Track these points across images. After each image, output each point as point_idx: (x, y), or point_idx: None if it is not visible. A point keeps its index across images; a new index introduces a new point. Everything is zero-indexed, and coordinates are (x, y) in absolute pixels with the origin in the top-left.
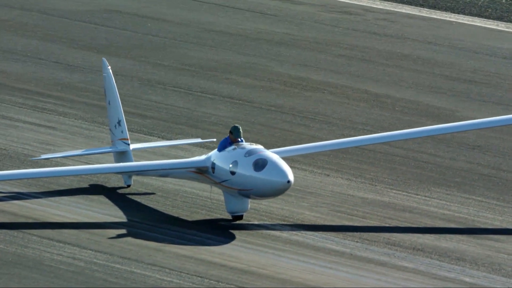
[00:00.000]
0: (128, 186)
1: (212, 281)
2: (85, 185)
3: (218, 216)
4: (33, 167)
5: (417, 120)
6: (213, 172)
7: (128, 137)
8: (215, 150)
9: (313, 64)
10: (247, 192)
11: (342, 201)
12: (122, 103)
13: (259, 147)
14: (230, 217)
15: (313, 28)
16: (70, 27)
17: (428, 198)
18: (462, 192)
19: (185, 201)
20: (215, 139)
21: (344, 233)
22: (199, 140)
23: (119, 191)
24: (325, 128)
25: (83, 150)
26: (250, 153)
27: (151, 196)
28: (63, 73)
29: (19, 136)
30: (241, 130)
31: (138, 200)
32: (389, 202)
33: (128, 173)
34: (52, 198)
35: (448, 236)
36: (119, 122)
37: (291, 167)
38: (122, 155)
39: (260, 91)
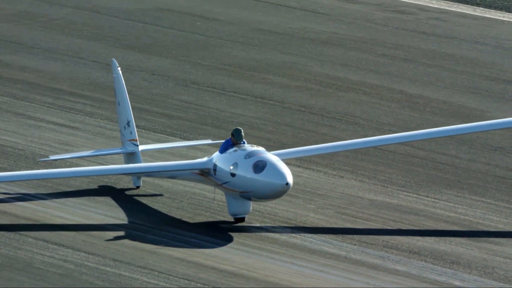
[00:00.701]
0: (137, 187)
1: (199, 284)
2: (95, 186)
3: (221, 218)
4: (46, 168)
5: (445, 121)
6: (215, 174)
7: (137, 138)
8: (217, 152)
9: (354, 64)
10: (247, 194)
11: (350, 203)
12: (152, 103)
13: (260, 149)
14: (232, 219)
15: (363, 27)
16: (118, 26)
17: (437, 200)
18: (473, 194)
19: (191, 202)
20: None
21: (343, 235)
22: (209, 141)
23: (127, 192)
24: (350, 129)
25: (92, 151)
26: (250, 155)
27: (158, 197)
28: (99, 72)
29: (40, 137)
30: (242, 133)
31: (144, 201)
32: (396, 204)
33: (130, 175)
34: (58, 200)
35: (448, 239)
36: (128, 123)
37: (306, 168)
38: (131, 156)
39: (294, 91)
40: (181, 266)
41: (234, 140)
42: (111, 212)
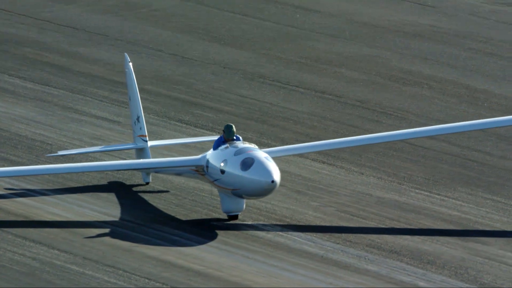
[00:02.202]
0: (147, 183)
1: (157, 284)
2: (105, 182)
3: (217, 216)
4: (63, 163)
5: (498, 117)
6: (207, 171)
7: (146, 134)
8: (212, 149)
9: (434, 57)
10: (237, 192)
11: (356, 201)
12: (206, 97)
13: (251, 146)
14: (226, 217)
15: (463, 20)
16: (215, 18)
17: (446, 199)
18: (486, 193)
19: (194, 199)
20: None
21: (331, 234)
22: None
23: (135, 188)
24: (395, 125)
25: (101, 146)
26: (239, 152)
27: (163, 194)
28: (170, 65)
29: (75, 131)
30: (233, 129)
31: (147, 198)
32: (403, 202)
33: (124, 170)
34: (59, 196)
35: (436, 238)
36: (138, 119)
37: (330, 164)
38: (140, 152)
39: (358, 85)
40: (150, 264)
41: (225, 137)
42: (106, 209)
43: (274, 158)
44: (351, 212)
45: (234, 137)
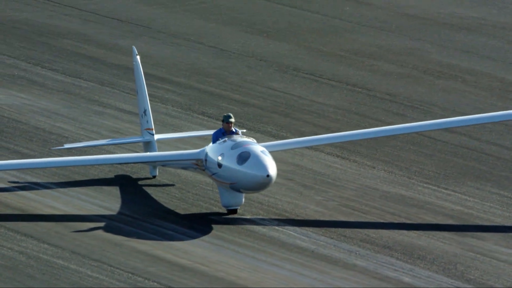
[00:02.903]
0: (154, 177)
1: (140, 278)
2: (111, 175)
3: (217, 210)
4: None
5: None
6: (206, 165)
7: (153, 127)
8: (211, 142)
9: (475, 50)
10: (234, 186)
11: (361, 195)
12: (236, 90)
13: (249, 140)
14: (225, 211)
15: None
16: (263, 10)
17: (452, 193)
18: (494, 187)
19: (197, 193)
20: (244, 130)
21: (327, 229)
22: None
23: (141, 182)
24: (419, 119)
25: (108, 140)
26: (236, 146)
27: (168, 187)
28: (207, 58)
29: (95, 124)
30: (232, 118)
31: (150, 191)
32: (408, 197)
33: (124, 164)
34: (62, 189)
35: (433, 233)
36: (145, 112)
37: (344, 158)
38: (147, 145)
39: (393, 78)
40: (136, 259)
41: (225, 125)
42: (106, 203)
43: (278, 152)
44: (353, 207)
45: (233, 130)
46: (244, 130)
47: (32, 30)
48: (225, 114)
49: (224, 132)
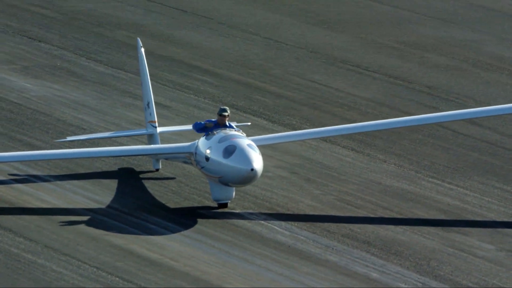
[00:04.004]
0: (157, 170)
1: (103, 273)
2: (115, 168)
3: (209, 204)
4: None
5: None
6: (195, 158)
7: (156, 120)
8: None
9: None
10: (221, 180)
11: (361, 189)
12: (277, 82)
13: (236, 133)
14: (216, 205)
15: None
16: (331, 1)
17: (454, 187)
18: (500, 182)
19: (195, 187)
20: (249, 123)
21: (313, 223)
22: (235, 123)
23: (142, 175)
24: (443, 110)
25: (112, 132)
26: (223, 139)
27: (167, 180)
28: (258, 49)
29: (118, 116)
30: (227, 112)
31: (148, 185)
32: (408, 191)
33: (116, 157)
34: (60, 182)
35: (419, 228)
36: (148, 104)
37: (358, 151)
38: (150, 138)
39: (439, 71)
40: (108, 254)
41: (219, 118)
42: (99, 196)
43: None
44: (348, 201)
45: (227, 124)
46: (249, 123)
47: (90, 21)
48: (221, 107)
49: (216, 124)
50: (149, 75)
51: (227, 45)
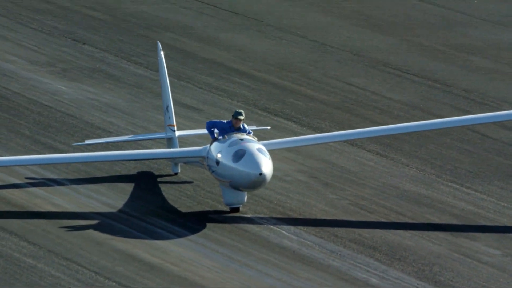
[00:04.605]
0: (176, 174)
1: (101, 278)
2: (134, 172)
3: (221, 208)
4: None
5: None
6: (207, 162)
7: (175, 124)
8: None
9: None
10: (232, 184)
11: (377, 194)
12: (315, 86)
13: (248, 137)
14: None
15: None
16: (386, 4)
17: (472, 192)
18: None
19: (211, 191)
20: (269, 127)
21: (322, 228)
22: (254, 127)
23: (160, 179)
24: (473, 111)
25: (130, 136)
26: (233, 143)
27: (183, 184)
28: (301, 52)
29: (148, 119)
30: (241, 115)
31: (164, 188)
32: (425, 196)
33: (128, 161)
34: (76, 186)
35: (428, 233)
36: (167, 108)
37: (382, 155)
38: (169, 142)
39: (479, 74)
40: (109, 258)
41: (233, 122)
42: (112, 200)
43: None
44: (362, 206)
45: (241, 126)
46: (268, 127)
47: (140, 23)
48: (237, 110)
49: (231, 126)
50: (187, 78)
51: (271, 48)
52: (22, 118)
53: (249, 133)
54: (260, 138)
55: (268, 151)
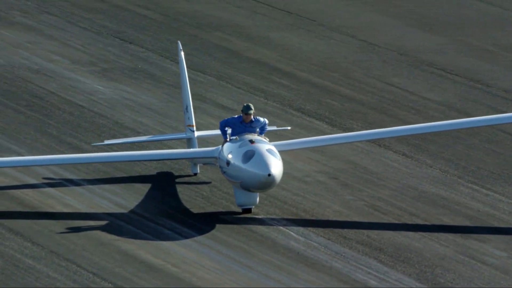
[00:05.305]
0: (195, 174)
1: (98, 279)
2: (154, 172)
3: (234, 209)
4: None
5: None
6: (219, 163)
7: (194, 124)
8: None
9: None
10: (242, 185)
11: (395, 195)
12: (355, 84)
13: (259, 138)
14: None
15: None
16: (443, 4)
17: (491, 194)
18: None
19: (228, 192)
20: (289, 127)
21: (331, 229)
22: (274, 127)
23: (178, 179)
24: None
25: (149, 136)
26: (244, 144)
27: (199, 185)
28: (347, 52)
29: (178, 119)
30: (251, 110)
31: (180, 189)
32: (442, 197)
33: (140, 162)
34: (91, 187)
35: (437, 235)
36: (186, 108)
37: (408, 156)
38: (189, 142)
39: None
40: (110, 259)
41: (244, 117)
42: (125, 201)
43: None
44: (377, 207)
45: (253, 119)
46: (289, 128)
47: (191, 22)
48: (245, 105)
49: (242, 121)
50: (227, 78)
51: (318, 48)
52: (52, 118)
53: (264, 125)
54: (282, 138)
55: (288, 151)
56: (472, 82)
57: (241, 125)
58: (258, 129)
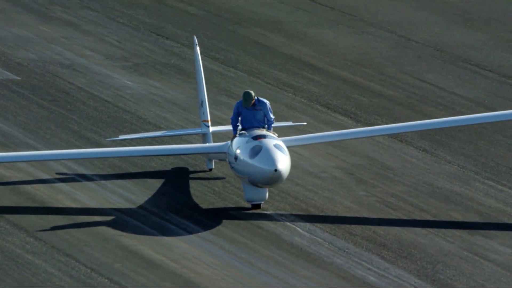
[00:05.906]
0: (210, 170)
1: (95, 275)
2: (168, 168)
3: (244, 205)
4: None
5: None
6: (228, 158)
7: (209, 119)
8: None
9: None
10: (249, 180)
11: (408, 191)
12: (388, 80)
13: (267, 133)
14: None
15: None
16: (490, 1)
17: (506, 190)
18: None
19: (240, 187)
20: (305, 123)
21: (338, 225)
22: (290, 123)
23: (192, 175)
24: None
25: (164, 131)
26: (251, 139)
27: (212, 180)
28: (384, 47)
29: (193, 113)
30: (249, 96)
31: (193, 184)
32: (456, 193)
33: (150, 156)
34: (104, 182)
35: (444, 231)
36: (201, 103)
37: (428, 152)
38: (204, 137)
39: None
40: (112, 255)
41: (244, 103)
42: (135, 196)
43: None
44: (388, 203)
45: (255, 103)
46: (305, 123)
47: (231, 18)
48: (245, 91)
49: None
50: (258, 73)
51: (354, 43)
52: (75, 113)
53: (269, 108)
54: (299, 133)
55: (308, 146)
56: (504, 78)
57: (245, 109)
58: (265, 118)
